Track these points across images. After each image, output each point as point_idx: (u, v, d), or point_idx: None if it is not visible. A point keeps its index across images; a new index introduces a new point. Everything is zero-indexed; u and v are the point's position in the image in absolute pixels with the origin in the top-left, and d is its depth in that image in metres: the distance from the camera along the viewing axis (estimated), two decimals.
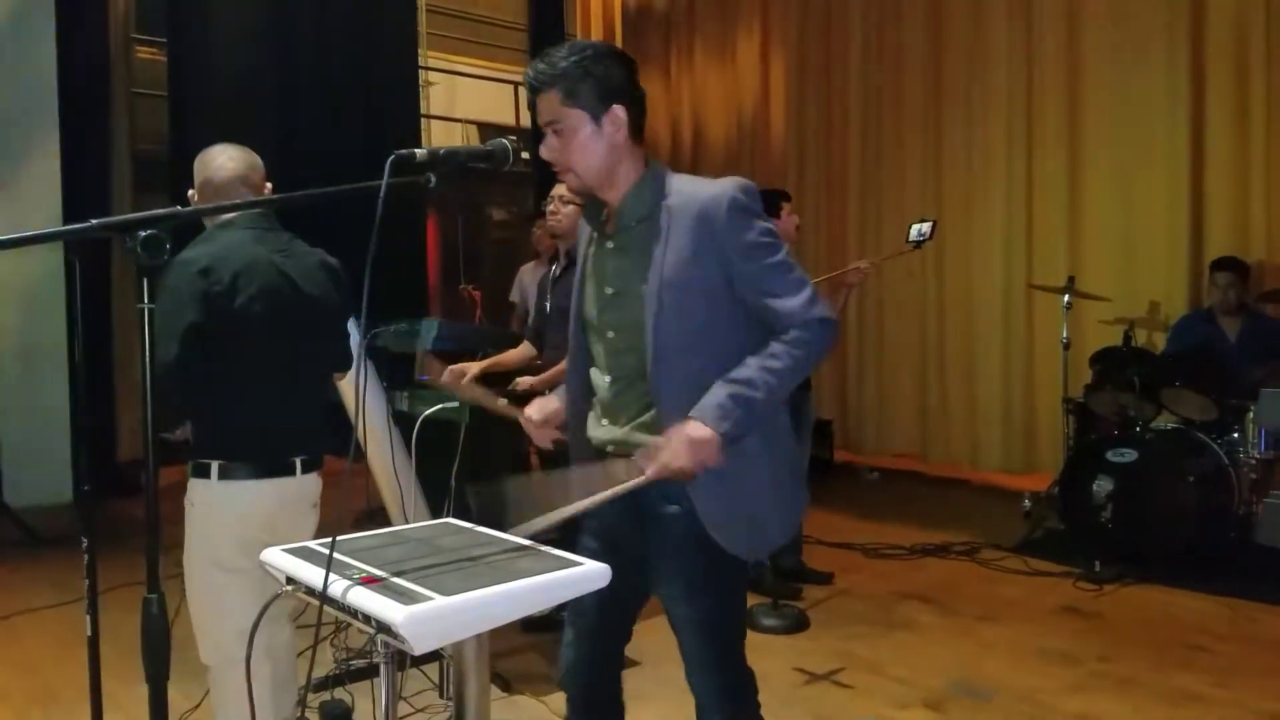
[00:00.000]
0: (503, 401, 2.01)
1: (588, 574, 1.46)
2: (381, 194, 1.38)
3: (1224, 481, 4.22)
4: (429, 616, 1.28)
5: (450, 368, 3.01)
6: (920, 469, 6.64)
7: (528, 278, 5.23)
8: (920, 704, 3.00)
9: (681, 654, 1.78)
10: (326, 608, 1.39)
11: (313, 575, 1.44)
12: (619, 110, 1.68)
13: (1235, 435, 4.29)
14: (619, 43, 8.47)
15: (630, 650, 1.95)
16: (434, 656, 3.05)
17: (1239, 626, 3.62)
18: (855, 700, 3.05)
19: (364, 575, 1.42)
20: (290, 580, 1.53)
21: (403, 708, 2.95)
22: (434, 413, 2.76)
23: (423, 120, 7.59)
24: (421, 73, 7.65)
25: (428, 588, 1.34)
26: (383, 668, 1.55)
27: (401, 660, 2.92)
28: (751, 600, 3.88)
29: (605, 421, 1.79)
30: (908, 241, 3.81)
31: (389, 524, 2.32)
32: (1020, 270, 6.01)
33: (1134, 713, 2.90)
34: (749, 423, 1.64)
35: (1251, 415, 4.20)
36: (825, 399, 7.21)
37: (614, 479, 1.66)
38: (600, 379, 1.80)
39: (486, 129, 7.88)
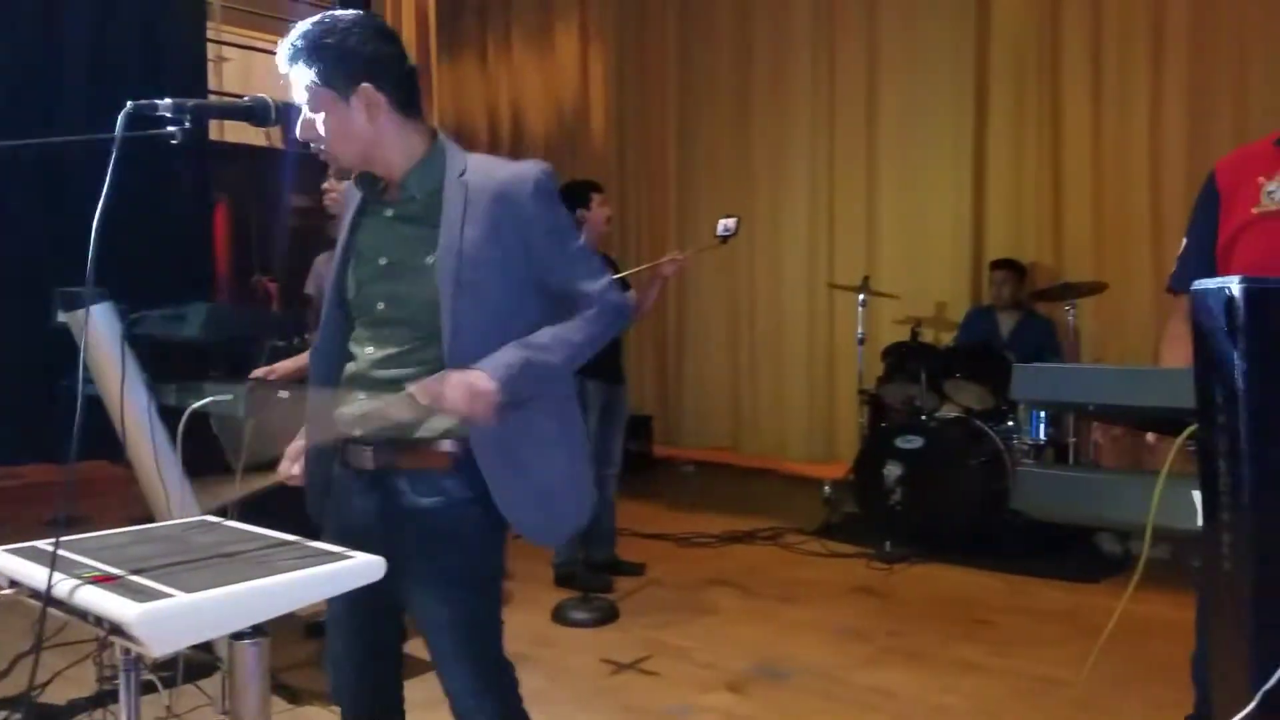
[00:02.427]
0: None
1: (359, 566, 1.37)
2: (115, 147, 1.24)
3: (1001, 466, 4.57)
4: (167, 615, 1.16)
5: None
6: (733, 461, 6.82)
7: (324, 268, 4.97)
8: (724, 687, 3.06)
9: (434, 657, 1.68)
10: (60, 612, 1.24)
11: (35, 574, 1.28)
12: (369, 88, 1.59)
13: (1011, 423, 4.66)
14: (432, 28, 8.23)
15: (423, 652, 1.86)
16: (211, 669, 2.83)
17: (1015, 599, 3.92)
18: (661, 687, 3.08)
19: (96, 574, 1.28)
20: (12, 583, 1.36)
21: None
22: (203, 406, 2.56)
23: (213, 98, 7.09)
24: (213, 48, 7.17)
25: (169, 585, 1.22)
26: (121, 678, 1.39)
27: (172, 676, 2.69)
28: (563, 595, 3.86)
29: (362, 396, 1.66)
30: (715, 236, 3.89)
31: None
32: (823, 268, 6.31)
33: (921, 683, 3.07)
34: (533, 388, 1.60)
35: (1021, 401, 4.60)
36: (646, 395, 7.30)
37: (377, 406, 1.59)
38: (361, 351, 1.69)
39: None
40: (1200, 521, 1.18)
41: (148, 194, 5.26)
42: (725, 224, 3.83)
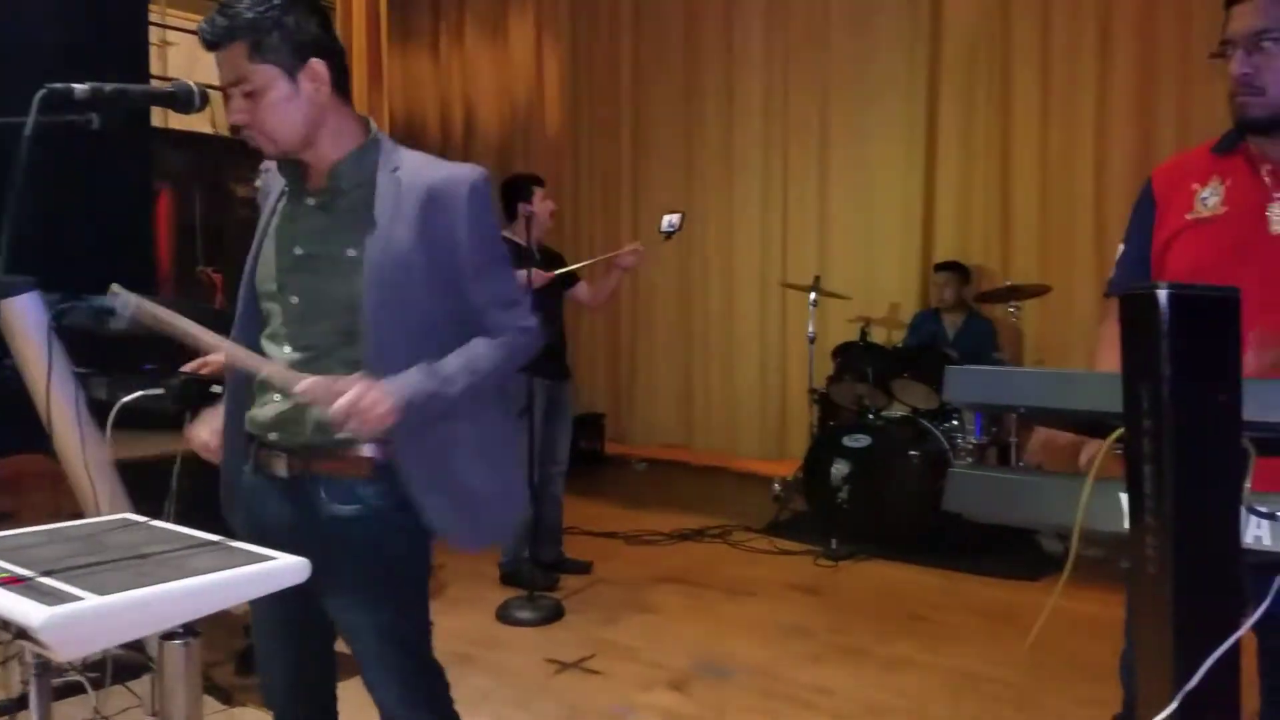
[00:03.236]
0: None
1: (281, 568, 1.33)
2: (27, 132, 1.18)
3: (944, 464, 4.62)
4: (76, 619, 1.12)
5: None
6: (685, 458, 6.82)
7: None
8: (666, 685, 3.06)
9: (360, 667, 1.64)
10: None
11: None
12: (318, 65, 1.52)
13: (955, 422, 4.73)
14: (383, 16, 8.07)
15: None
16: (142, 669, 2.75)
17: (951, 596, 3.97)
18: (604, 686, 3.06)
19: (5, 576, 1.23)
20: None
21: None
22: (133, 401, 2.48)
23: (156, 83, 6.85)
24: (158, 31, 6.96)
25: (80, 588, 1.17)
26: (32, 683, 1.34)
27: (101, 676, 2.61)
28: (508, 593, 3.82)
29: (277, 397, 1.59)
30: (659, 232, 3.88)
31: None
32: (775, 267, 6.33)
33: (859, 680, 3.10)
34: (429, 418, 1.54)
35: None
36: (598, 392, 7.28)
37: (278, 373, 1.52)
38: (276, 349, 1.60)
39: None
40: (1127, 524, 1.20)
41: (86, 182, 5.10)
42: (669, 220, 3.82)
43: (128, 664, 2.87)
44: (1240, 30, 1.55)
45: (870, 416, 4.72)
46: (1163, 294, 1.02)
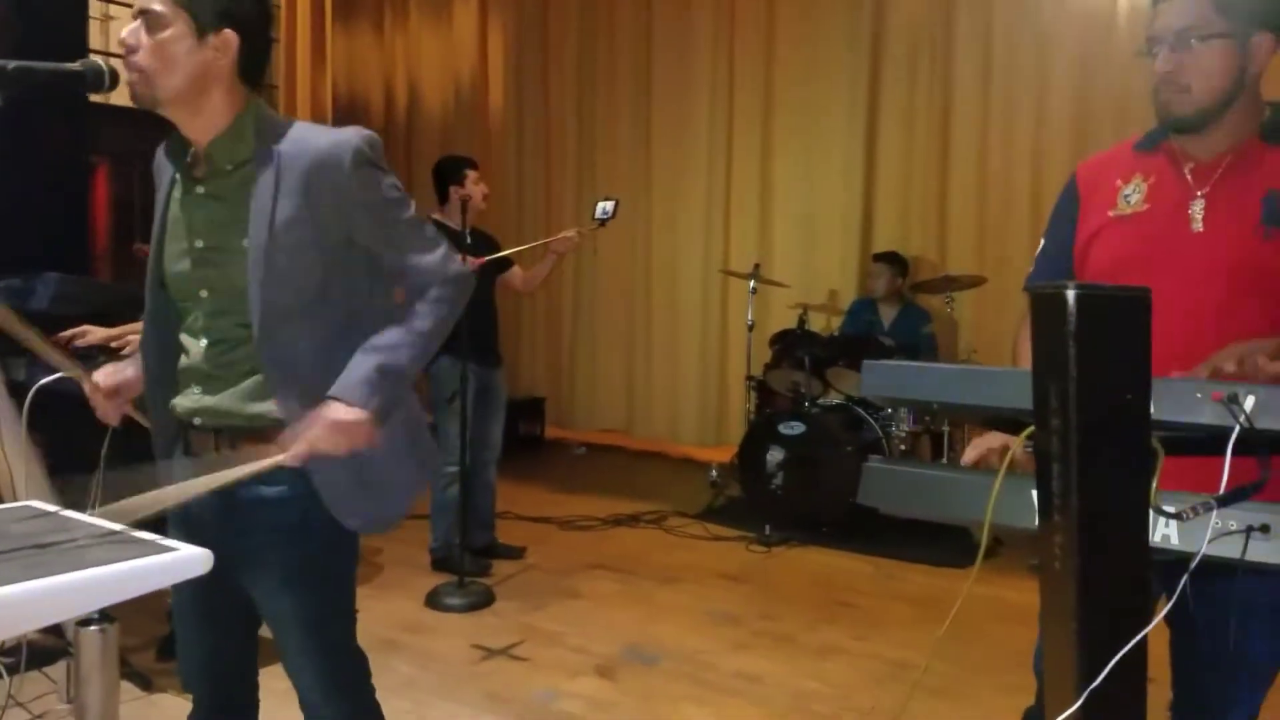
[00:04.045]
0: (68, 360, 1.69)
1: (183, 559, 1.27)
2: None
3: (878, 452, 4.67)
4: None
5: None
6: (625, 443, 6.81)
7: None
8: (593, 672, 3.04)
9: (281, 653, 1.61)
10: None
11: None
12: (231, 35, 1.46)
13: (889, 411, 4.77)
14: None
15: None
16: (61, 655, 2.65)
17: (881, 583, 4.02)
18: (530, 673, 3.03)
19: None
20: None
21: (18, 715, 2.54)
22: (50, 382, 2.37)
23: (98, 58, 6.55)
24: (100, 5, 6.67)
25: None
26: None
27: (16, 662, 2.51)
28: (439, 579, 3.77)
29: (197, 390, 1.55)
30: (593, 219, 3.83)
31: None
32: (718, 253, 6.33)
33: (786, 667, 3.12)
34: (398, 392, 1.53)
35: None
36: (538, 376, 7.23)
37: (244, 460, 1.47)
38: (193, 343, 1.56)
39: None
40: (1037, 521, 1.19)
41: (15, 155, 4.86)
42: (603, 206, 3.78)
43: (45, 649, 2.78)
44: (1166, 28, 1.55)
45: (806, 404, 4.74)
46: (1071, 294, 1.01)
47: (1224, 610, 1.50)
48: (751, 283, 5.27)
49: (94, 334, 2.70)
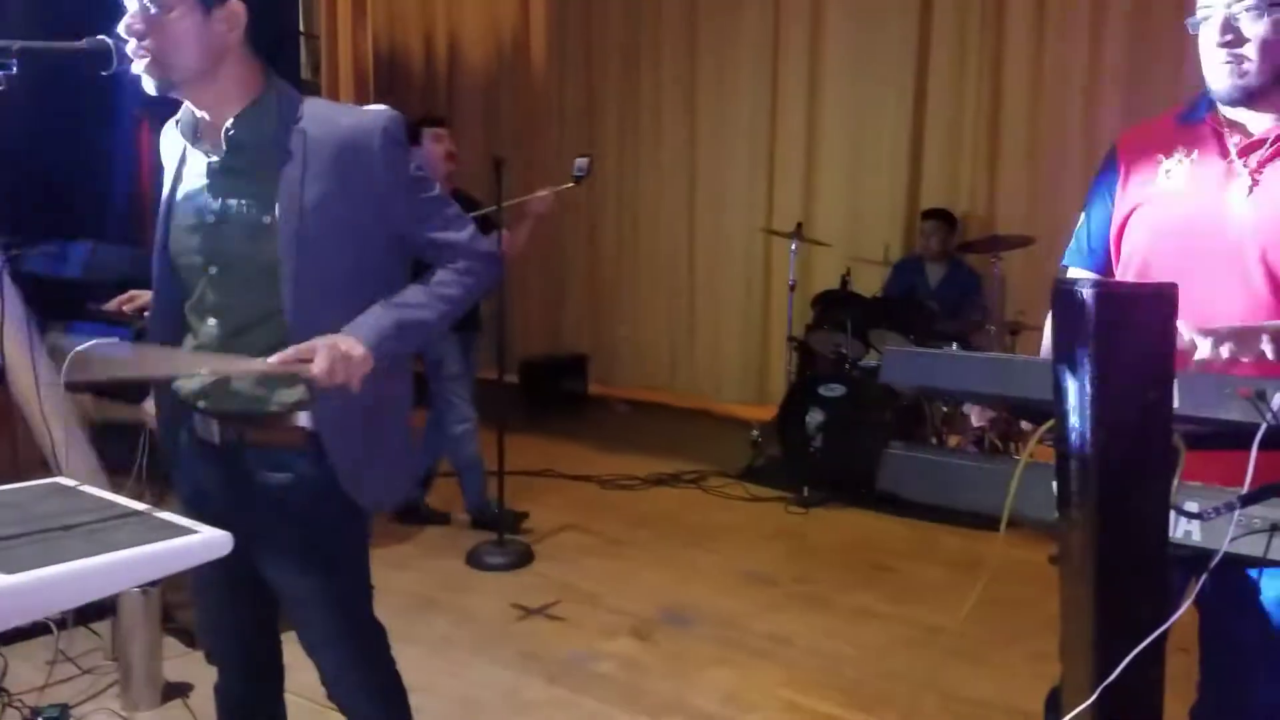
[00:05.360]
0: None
1: (203, 543, 1.31)
2: None
3: (919, 415, 4.63)
4: None
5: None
6: (669, 400, 6.82)
7: None
8: (628, 633, 3.10)
9: (299, 630, 1.65)
10: None
11: None
12: (237, 6, 1.45)
13: None
14: None
15: None
16: (108, 612, 2.77)
17: (918, 546, 4.01)
18: (565, 632, 3.10)
19: None
20: None
21: (67, 669, 2.67)
22: (88, 349, 2.44)
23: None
24: None
25: None
26: None
27: (64, 617, 2.63)
28: (480, 537, 3.84)
29: (206, 372, 1.56)
30: (571, 176, 3.77)
31: None
32: (761, 212, 6.24)
33: (818, 631, 3.14)
34: (407, 349, 1.56)
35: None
36: (581, 333, 7.24)
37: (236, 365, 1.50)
38: (202, 322, 1.57)
39: None
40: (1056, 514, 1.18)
41: (57, 117, 4.94)
42: (579, 163, 3.74)
43: (92, 604, 2.90)
44: (1219, 1, 1.49)
45: (847, 366, 4.70)
46: (1088, 291, 0.99)
47: (1251, 596, 1.48)
48: (793, 242, 5.20)
49: (141, 297, 2.76)
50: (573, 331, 7.30)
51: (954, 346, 4.71)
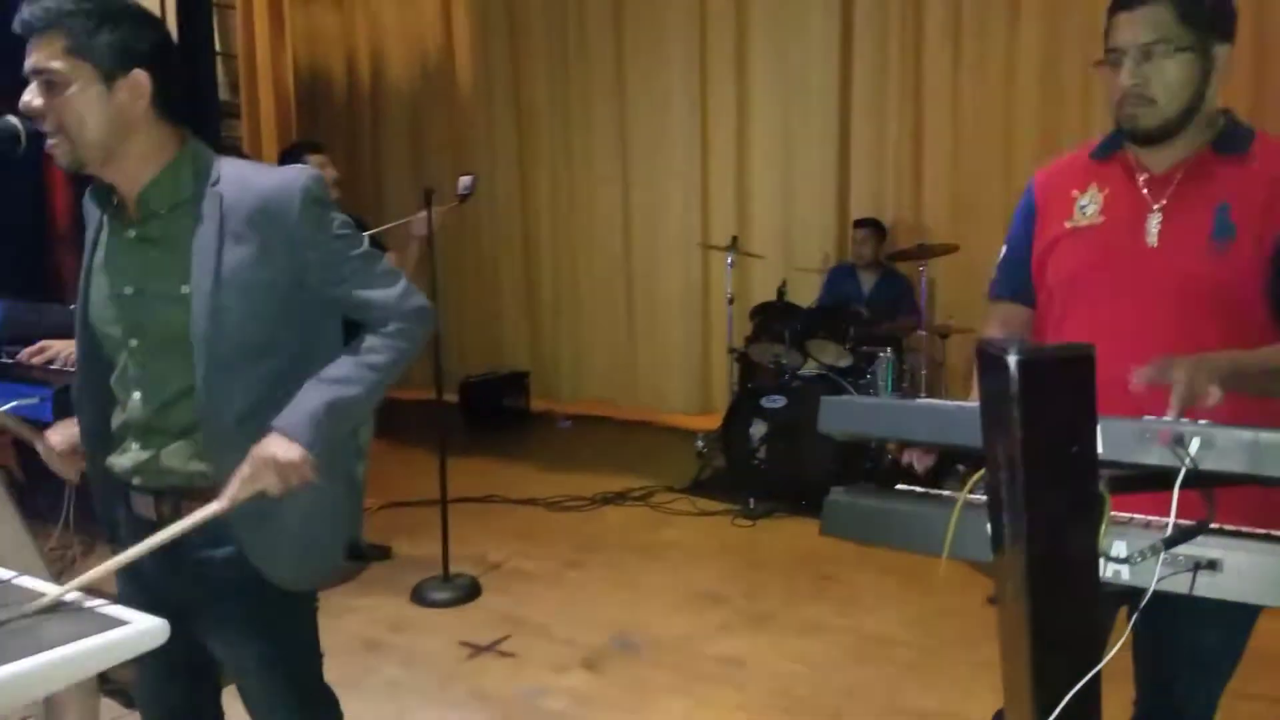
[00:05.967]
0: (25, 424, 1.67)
1: (138, 634, 1.26)
2: None
3: None
4: None
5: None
6: (613, 414, 6.81)
7: None
8: (579, 665, 3.08)
9: (247, 702, 1.61)
10: None
11: None
12: (141, 76, 1.39)
13: (868, 378, 4.79)
14: None
15: None
16: None
17: (864, 555, 4.05)
18: (516, 668, 3.07)
19: None
20: None
21: None
22: (7, 410, 2.34)
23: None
24: None
25: None
26: None
27: None
28: (424, 573, 3.76)
29: (135, 445, 1.51)
30: (455, 195, 3.75)
31: None
32: (696, 226, 6.29)
33: (768, 649, 3.17)
34: (343, 429, 1.51)
35: (880, 360, 4.76)
36: (520, 350, 7.21)
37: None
38: (128, 396, 1.51)
39: None
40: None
41: None
42: (463, 182, 3.72)
43: None
44: (1130, 41, 1.53)
45: (786, 377, 4.75)
46: (1012, 359, 1.01)
47: (1177, 611, 1.54)
48: (729, 256, 5.24)
49: (53, 347, 2.67)
50: (512, 348, 7.26)
51: (888, 351, 4.82)
